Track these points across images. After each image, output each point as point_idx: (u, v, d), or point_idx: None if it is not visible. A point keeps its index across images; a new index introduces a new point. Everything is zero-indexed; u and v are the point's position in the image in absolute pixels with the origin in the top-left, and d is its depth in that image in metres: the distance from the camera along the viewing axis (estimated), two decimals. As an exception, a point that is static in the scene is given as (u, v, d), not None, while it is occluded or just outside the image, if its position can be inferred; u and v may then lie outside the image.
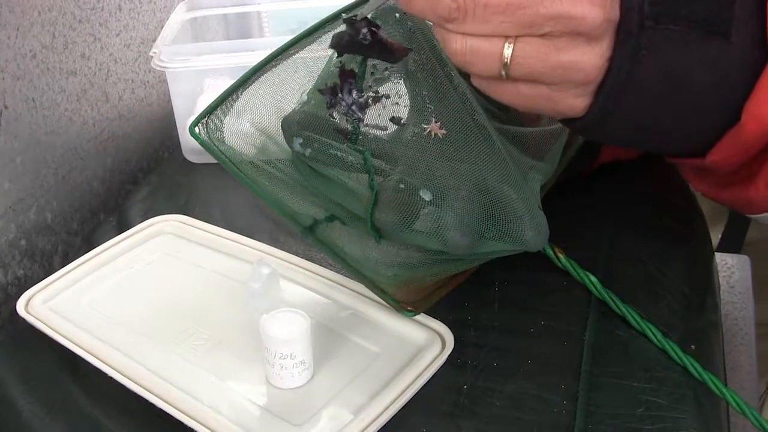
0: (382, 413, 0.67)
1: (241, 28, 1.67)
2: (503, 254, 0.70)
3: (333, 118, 0.72)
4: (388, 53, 0.68)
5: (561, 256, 0.80)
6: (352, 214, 0.70)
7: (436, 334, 0.75)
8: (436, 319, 0.76)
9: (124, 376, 0.71)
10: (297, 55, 0.76)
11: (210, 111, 0.73)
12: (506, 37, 0.55)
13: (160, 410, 0.68)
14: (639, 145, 0.74)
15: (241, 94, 0.74)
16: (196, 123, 0.73)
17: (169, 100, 1.20)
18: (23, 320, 0.80)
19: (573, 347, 0.75)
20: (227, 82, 0.81)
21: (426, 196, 0.68)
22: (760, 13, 0.56)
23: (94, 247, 0.91)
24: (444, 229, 0.67)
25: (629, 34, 0.55)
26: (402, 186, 0.68)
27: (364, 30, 0.67)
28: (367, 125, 0.72)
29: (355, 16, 0.67)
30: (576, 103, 0.58)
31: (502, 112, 0.80)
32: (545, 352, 0.74)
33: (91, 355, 0.74)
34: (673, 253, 0.86)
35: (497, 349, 0.75)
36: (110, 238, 0.93)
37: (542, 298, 0.80)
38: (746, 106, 0.58)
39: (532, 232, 0.67)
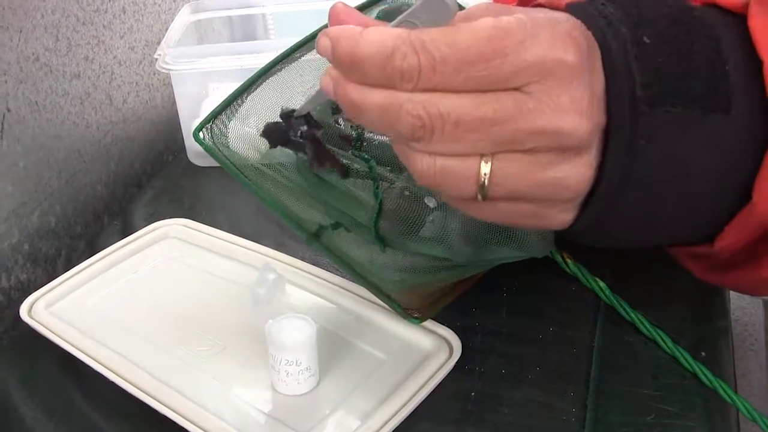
0: (388, 420, 0.66)
1: (246, 30, 1.67)
2: (509, 260, 0.70)
3: (338, 124, 0.71)
4: (320, 161, 0.64)
5: (569, 261, 0.80)
6: (356, 221, 0.70)
7: (443, 340, 0.74)
8: (444, 325, 0.75)
9: (127, 381, 0.71)
10: (302, 58, 0.75)
11: (214, 116, 0.73)
12: (482, 156, 0.48)
13: (164, 416, 0.67)
14: (641, 243, 0.64)
15: (246, 99, 0.74)
16: (200, 128, 0.72)
17: (174, 103, 1.19)
18: (26, 325, 0.79)
19: (582, 354, 0.74)
20: (232, 85, 0.81)
21: (431, 203, 0.67)
22: (757, 77, 0.51)
23: (98, 252, 0.91)
24: (449, 236, 0.66)
25: (623, 125, 0.49)
26: (407, 193, 0.68)
27: (303, 128, 0.65)
28: (371, 131, 0.72)
29: (293, 110, 0.64)
30: (561, 218, 0.52)
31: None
32: (554, 359, 0.74)
33: (94, 360, 0.73)
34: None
35: (505, 356, 0.74)
36: (114, 242, 0.93)
37: (550, 304, 0.80)
38: (757, 184, 0.52)
39: (537, 237, 0.65)
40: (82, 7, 1.12)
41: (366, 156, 0.70)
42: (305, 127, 0.64)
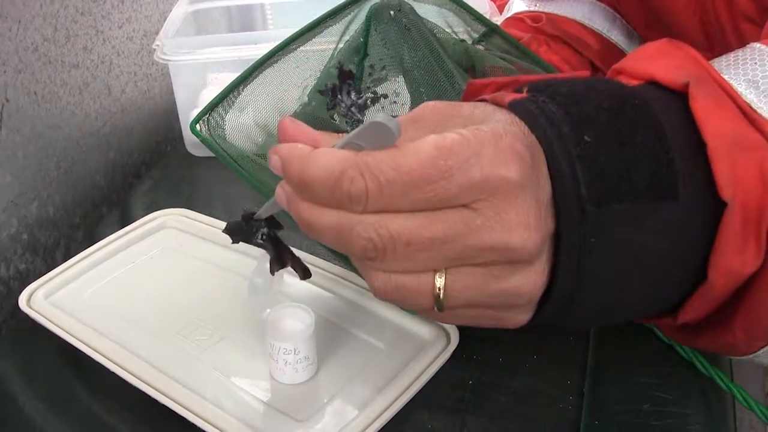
0: (386, 409, 0.66)
1: (244, 20, 1.66)
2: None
3: (333, 120, 0.72)
4: (282, 262, 0.65)
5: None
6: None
7: (441, 329, 0.74)
8: (441, 313, 0.75)
9: (126, 371, 0.71)
10: (299, 49, 0.75)
11: (211, 107, 0.73)
12: (435, 270, 0.49)
13: (163, 406, 0.67)
14: (604, 323, 0.66)
15: (243, 90, 0.74)
16: (197, 120, 0.73)
17: (172, 93, 1.19)
18: (25, 315, 0.79)
19: (579, 342, 0.74)
20: (231, 75, 0.81)
21: None
22: (702, 159, 0.51)
23: (97, 241, 0.91)
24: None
25: (571, 225, 0.49)
26: None
27: (263, 230, 0.65)
28: None
29: (254, 212, 0.65)
30: (520, 318, 0.52)
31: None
32: (551, 347, 0.74)
33: (94, 350, 0.73)
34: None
35: (502, 344, 0.74)
36: (113, 232, 0.93)
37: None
38: (711, 262, 0.52)
39: None
40: (80, -3, 1.12)
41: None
42: (266, 229, 0.66)
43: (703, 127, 0.52)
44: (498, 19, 1.06)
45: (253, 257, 0.83)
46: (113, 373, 0.71)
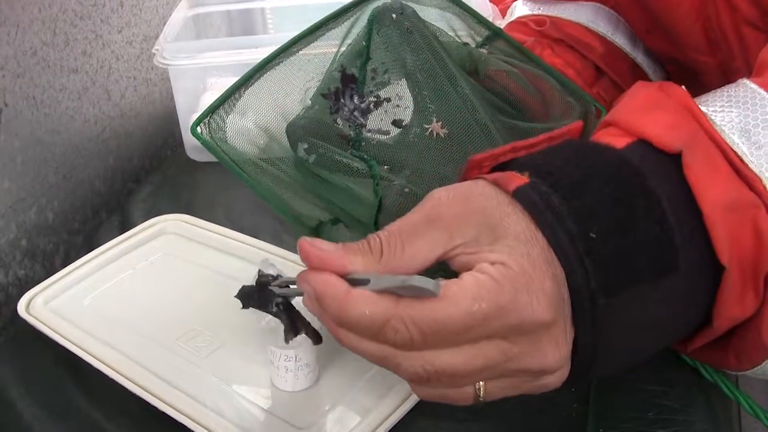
0: (389, 416, 0.66)
1: (244, 24, 1.67)
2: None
3: (336, 123, 0.71)
4: (296, 330, 0.66)
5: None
6: (355, 218, 0.70)
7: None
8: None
9: (125, 378, 0.70)
10: (300, 52, 0.75)
11: (212, 110, 0.73)
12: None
13: (163, 413, 0.67)
14: (624, 371, 0.68)
15: (244, 93, 0.73)
16: (198, 122, 0.72)
17: (172, 98, 1.19)
18: (24, 321, 0.79)
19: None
20: (231, 80, 0.80)
21: None
22: (699, 225, 0.54)
23: (96, 247, 0.90)
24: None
25: (584, 313, 0.52)
26: (406, 190, 0.68)
27: (278, 299, 0.65)
28: (369, 130, 0.72)
29: (269, 278, 0.66)
30: (554, 381, 0.55)
31: (510, 107, 0.80)
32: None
33: (93, 356, 0.73)
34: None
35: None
36: (112, 238, 0.92)
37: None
38: (716, 313, 0.56)
39: None
40: (79, 1, 1.12)
41: (365, 156, 0.70)
42: (280, 298, 0.66)
43: (700, 197, 0.54)
44: (501, 23, 1.05)
45: (253, 263, 0.83)
46: (112, 379, 0.71)
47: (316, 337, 0.66)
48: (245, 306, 0.67)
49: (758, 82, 0.60)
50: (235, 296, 0.67)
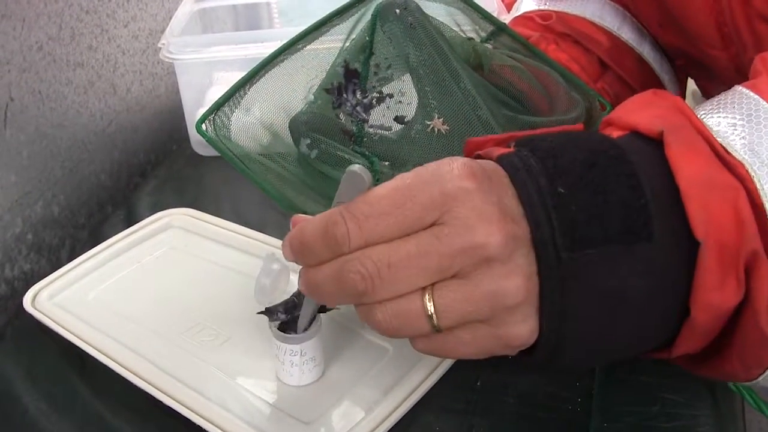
0: (393, 411, 0.66)
1: (250, 19, 1.66)
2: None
3: (339, 118, 0.71)
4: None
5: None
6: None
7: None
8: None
9: (131, 372, 0.70)
10: (305, 48, 0.75)
11: (217, 107, 0.73)
12: (423, 290, 0.53)
13: (168, 407, 0.67)
14: (599, 362, 0.69)
15: (249, 90, 0.73)
16: (203, 119, 0.72)
17: (178, 92, 1.19)
18: (30, 315, 0.79)
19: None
20: (237, 74, 0.80)
21: None
22: (676, 202, 0.54)
23: (102, 241, 0.90)
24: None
25: (549, 269, 0.52)
26: None
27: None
28: (372, 126, 0.72)
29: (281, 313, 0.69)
30: (520, 330, 0.54)
31: (514, 102, 0.80)
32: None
33: (98, 351, 0.73)
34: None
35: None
36: (118, 232, 0.92)
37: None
38: (692, 298, 0.54)
39: None
40: (85, -5, 1.12)
41: (366, 152, 0.70)
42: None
43: (677, 171, 0.54)
44: (506, 18, 1.05)
45: (259, 257, 0.83)
46: (118, 374, 0.71)
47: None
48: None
49: (748, 86, 0.61)
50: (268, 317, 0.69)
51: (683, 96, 1.11)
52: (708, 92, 1.11)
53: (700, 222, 0.53)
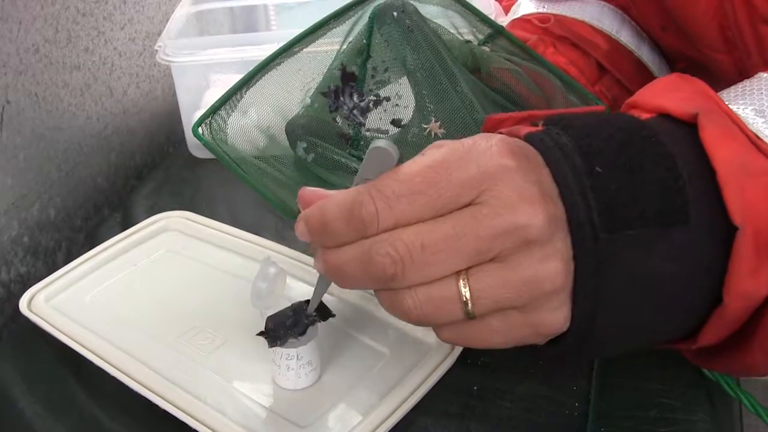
0: (390, 415, 0.65)
1: (247, 21, 1.66)
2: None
3: (336, 122, 0.71)
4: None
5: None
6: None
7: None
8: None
9: (127, 375, 0.70)
10: (301, 51, 0.75)
11: (213, 110, 0.73)
12: (457, 274, 0.51)
13: (164, 411, 0.67)
14: (626, 349, 0.66)
15: (245, 93, 0.73)
16: (199, 123, 0.72)
17: (175, 95, 1.19)
18: (26, 318, 0.79)
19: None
20: (234, 77, 0.80)
21: None
22: (712, 186, 0.52)
23: (98, 244, 0.90)
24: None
25: (586, 251, 0.50)
26: None
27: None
28: (368, 129, 0.72)
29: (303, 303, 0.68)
30: (554, 318, 0.53)
31: (512, 105, 0.80)
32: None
33: (94, 354, 0.73)
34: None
35: (508, 350, 0.73)
36: (114, 235, 0.92)
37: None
38: (726, 286, 0.53)
39: None
40: (82, -2, 1.12)
41: (363, 156, 0.70)
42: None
43: (713, 155, 0.53)
44: (504, 20, 1.05)
45: (255, 261, 0.83)
46: (114, 377, 0.70)
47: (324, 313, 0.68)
48: (272, 344, 0.68)
49: None
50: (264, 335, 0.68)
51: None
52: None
53: (738, 207, 0.51)
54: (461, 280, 0.51)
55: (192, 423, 0.65)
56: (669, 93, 0.60)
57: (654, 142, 0.53)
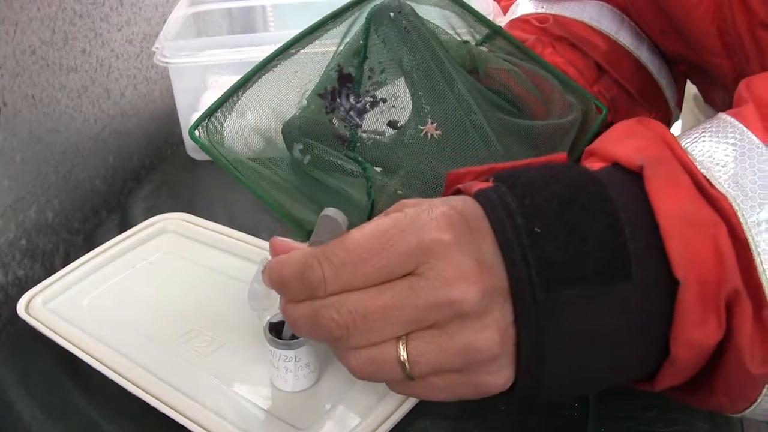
0: (389, 417, 0.66)
1: (245, 22, 1.66)
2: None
3: (333, 123, 0.71)
4: None
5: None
6: (349, 221, 0.70)
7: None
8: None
9: (125, 378, 0.70)
10: (298, 53, 0.75)
11: (210, 113, 0.72)
12: (397, 339, 0.53)
13: (162, 414, 0.67)
14: (579, 394, 0.68)
15: (242, 96, 0.73)
16: (195, 125, 0.72)
17: (173, 97, 1.19)
18: (24, 322, 0.79)
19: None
20: (231, 78, 0.80)
21: None
22: (656, 239, 0.53)
23: (96, 247, 0.90)
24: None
25: (525, 309, 0.52)
26: (399, 192, 0.68)
27: None
28: (365, 131, 0.72)
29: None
30: (494, 379, 0.54)
31: (510, 106, 0.79)
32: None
33: (92, 357, 0.73)
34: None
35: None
36: (112, 237, 0.92)
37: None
38: (672, 337, 0.53)
39: None
40: (78, -1, 1.12)
41: (360, 158, 0.70)
42: None
43: (656, 207, 0.53)
44: (502, 20, 1.05)
45: (253, 262, 0.83)
46: (112, 380, 0.70)
47: None
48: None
49: (732, 113, 0.60)
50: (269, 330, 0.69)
51: (682, 99, 1.10)
52: (710, 97, 1.11)
53: (680, 260, 0.52)
54: (401, 345, 0.53)
55: (190, 426, 0.65)
56: (624, 140, 0.60)
57: (598, 198, 0.54)
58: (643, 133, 0.60)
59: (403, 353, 0.52)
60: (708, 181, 0.55)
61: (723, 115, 0.60)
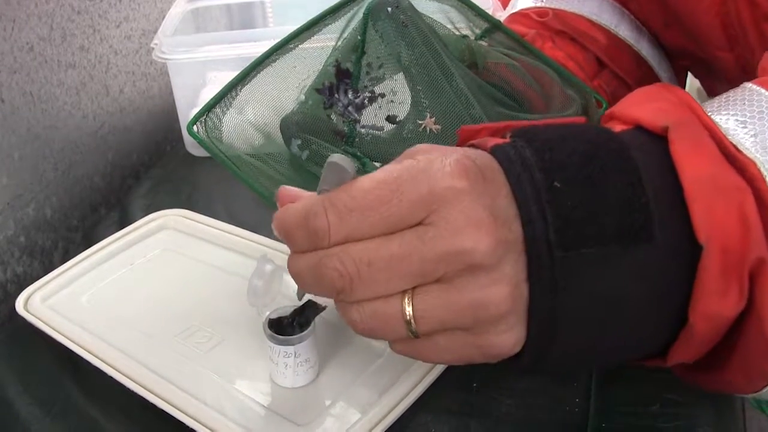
0: (389, 412, 0.65)
1: (244, 18, 1.66)
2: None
3: (330, 118, 0.71)
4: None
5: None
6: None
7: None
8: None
9: (124, 375, 0.70)
10: (296, 48, 0.75)
11: (208, 109, 0.72)
12: (403, 293, 0.51)
13: (162, 411, 0.66)
14: (588, 365, 0.67)
15: (240, 91, 0.73)
16: (194, 121, 0.72)
17: (171, 93, 1.18)
18: (22, 319, 0.79)
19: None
20: (230, 74, 0.80)
21: None
22: (679, 203, 0.51)
23: (95, 243, 0.90)
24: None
25: (541, 268, 0.50)
26: None
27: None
28: (363, 126, 0.71)
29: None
30: (502, 340, 0.52)
31: (510, 99, 0.79)
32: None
33: (91, 354, 0.73)
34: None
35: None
36: (111, 234, 0.92)
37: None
38: (691, 307, 0.51)
39: None
40: (76, -5, 1.12)
41: (358, 153, 0.70)
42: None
43: (681, 170, 0.52)
44: (502, 15, 1.05)
45: (253, 258, 0.82)
46: (111, 377, 0.70)
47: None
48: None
49: (758, 83, 0.58)
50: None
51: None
52: (713, 92, 1.10)
53: (704, 225, 0.50)
54: (406, 299, 0.51)
55: (189, 422, 0.65)
56: (647, 104, 0.58)
57: (620, 157, 0.52)
58: (666, 97, 0.59)
59: (408, 309, 0.51)
60: (734, 146, 0.54)
61: (748, 84, 0.59)
